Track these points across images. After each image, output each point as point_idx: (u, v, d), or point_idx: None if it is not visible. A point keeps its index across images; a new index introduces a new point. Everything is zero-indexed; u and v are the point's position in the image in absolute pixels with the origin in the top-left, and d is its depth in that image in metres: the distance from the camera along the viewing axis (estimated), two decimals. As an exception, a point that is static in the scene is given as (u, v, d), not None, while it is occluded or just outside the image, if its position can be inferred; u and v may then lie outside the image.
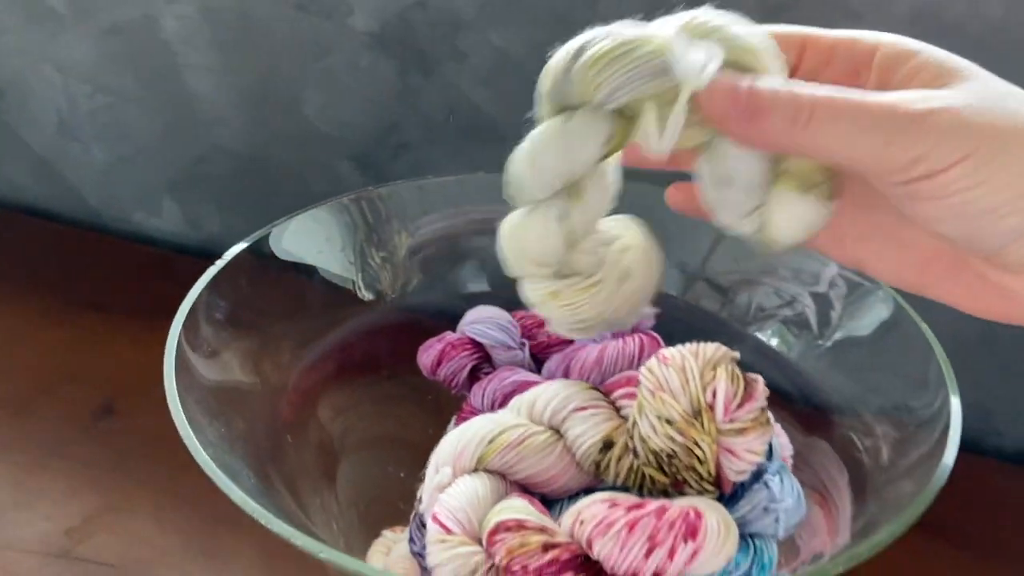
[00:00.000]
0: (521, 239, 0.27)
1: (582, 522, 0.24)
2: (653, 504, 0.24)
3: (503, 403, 0.37)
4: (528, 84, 0.57)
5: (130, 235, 0.78)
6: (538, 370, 0.40)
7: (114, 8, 0.67)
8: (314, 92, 0.65)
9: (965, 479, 0.30)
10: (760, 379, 0.26)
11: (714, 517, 0.23)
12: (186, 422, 0.29)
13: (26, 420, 0.56)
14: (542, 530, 0.25)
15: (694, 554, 0.23)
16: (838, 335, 0.40)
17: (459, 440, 0.29)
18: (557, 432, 0.29)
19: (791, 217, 0.25)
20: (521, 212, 0.27)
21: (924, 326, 0.33)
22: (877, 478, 0.32)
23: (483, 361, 0.40)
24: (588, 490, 0.29)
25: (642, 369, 0.27)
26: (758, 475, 0.28)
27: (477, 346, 0.40)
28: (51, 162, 0.78)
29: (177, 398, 0.30)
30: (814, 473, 0.33)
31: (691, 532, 0.23)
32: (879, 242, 0.28)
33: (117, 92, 0.71)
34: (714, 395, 0.25)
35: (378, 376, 0.41)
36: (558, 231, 0.26)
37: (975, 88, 0.23)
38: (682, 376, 0.26)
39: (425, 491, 0.29)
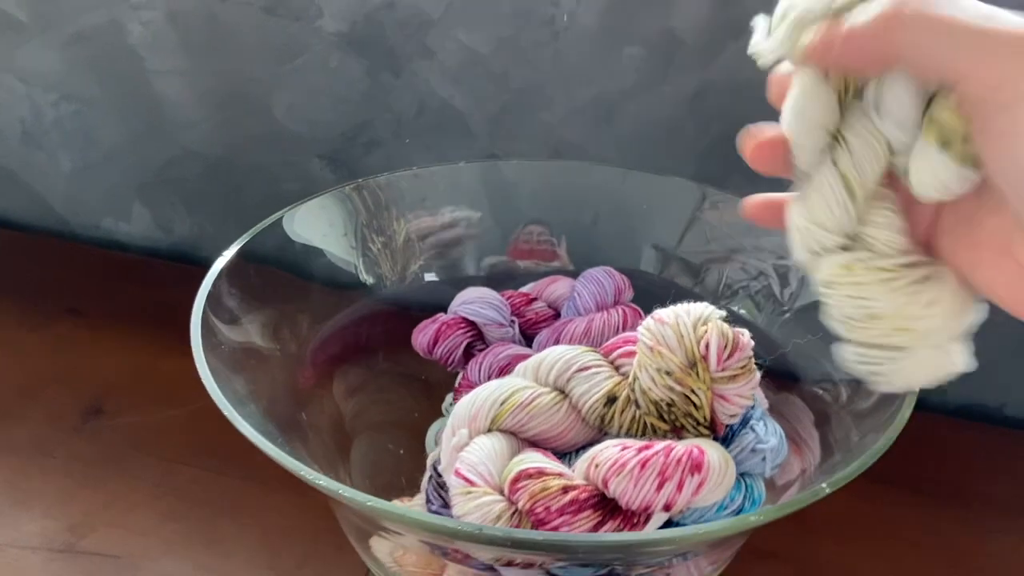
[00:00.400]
0: (807, 208, 0.27)
1: (597, 465, 0.27)
2: (660, 444, 0.26)
3: (499, 376, 0.40)
4: (495, 79, 0.60)
5: (99, 241, 0.79)
6: (528, 346, 0.43)
7: (79, 16, 0.68)
8: (284, 93, 0.66)
9: (914, 431, 0.33)
10: (746, 332, 0.29)
11: (715, 453, 0.26)
12: (210, 375, 0.30)
13: (13, 424, 0.57)
14: (560, 475, 0.27)
15: (700, 485, 0.26)
16: (799, 303, 0.43)
17: (472, 404, 0.31)
18: (562, 392, 0.32)
19: (925, 169, 0.25)
20: (800, 188, 0.28)
21: None
22: (841, 426, 0.35)
23: (477, 339, 0.43)
24: (592, 444, 0.32)
25: (640, 328, 0.30)
26: (745, 421, 0.31)
27: (470, 325, 0.42)
28: (15, 172, 0.78)
29: (203, 355, 0.31)
30: (787, 422, 0.36)
31: (696, 466, 0.26)
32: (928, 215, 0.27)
33: (83, 99, 0.72)
34: (707, 347, 0.28)
35: (375, 358, 0.43)
36: (838, 183, 0.26)
37: None
38: (677, 332, 0.28)
39: (443, 453, 0.32)
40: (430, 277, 0.45)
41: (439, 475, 0.32)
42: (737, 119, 0.57)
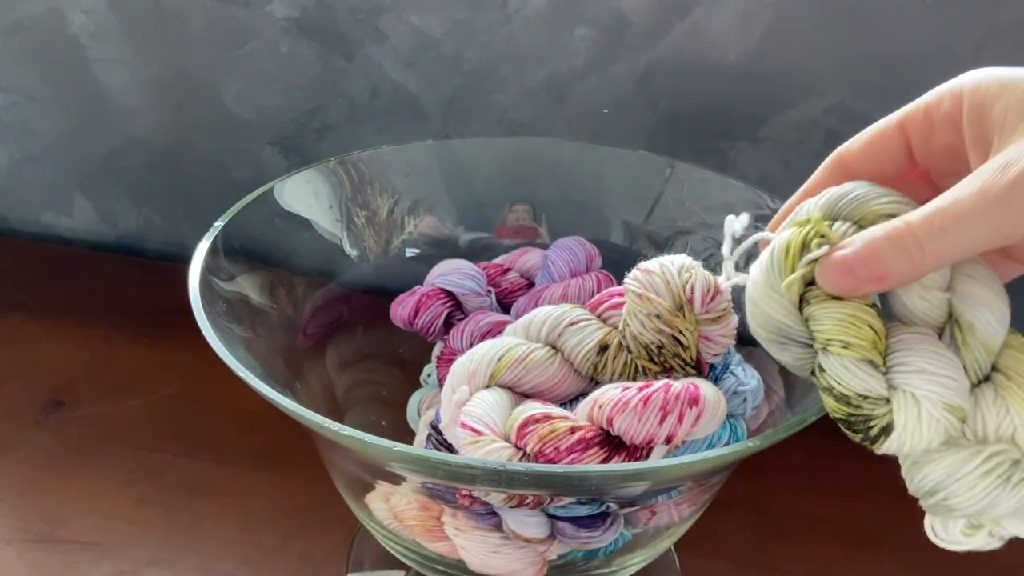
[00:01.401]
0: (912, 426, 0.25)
1: (600, 406, 0.29)
2: (659, 383, 0.29)
3: (480, 342, 0.41)
4: (448, 62, 0.62)
5: (39, 236, 0.77)
6: (505, 314, 0.45)
7: (15, 5, 0.66)
8: (233, 80, 0.66)
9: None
10: (720, 278, 0.32)
11: (709, 388, 0.29)
12: (210, 327, 0.31)
13: (-32, 422, 0.56)
14: (565, 418, 0.29)
15: (698, 417, 0.28)
16: None
17: (470, 362, 0.33)
18: (553, 347, 0.34)
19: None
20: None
21: None
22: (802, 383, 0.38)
23: (455, 309, 0.44)
24: (583, 394, 0.34)
25: (627, 279, 0.32)
26: (725, 366, 0.34)
27: (449, 295, 0.44)
28: (-55, 166, 0.75)
29: (202, 309, 0.32)
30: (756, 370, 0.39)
31: (694, 400, 0.28)
32: None
33: (20, 90, 0.70)
34: (692, 291, 0.30)
35: (354, 331, 0.44)
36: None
37: None
38: (664, 279, 0.31)
39: (444, 411, 0.33)
40: (412, 251, 0.46)
41: (440, 433, 0.34)
42: (684, 97, 0.60)
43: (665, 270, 0.31)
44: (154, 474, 0.52)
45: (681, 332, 0.31)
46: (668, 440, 0.28)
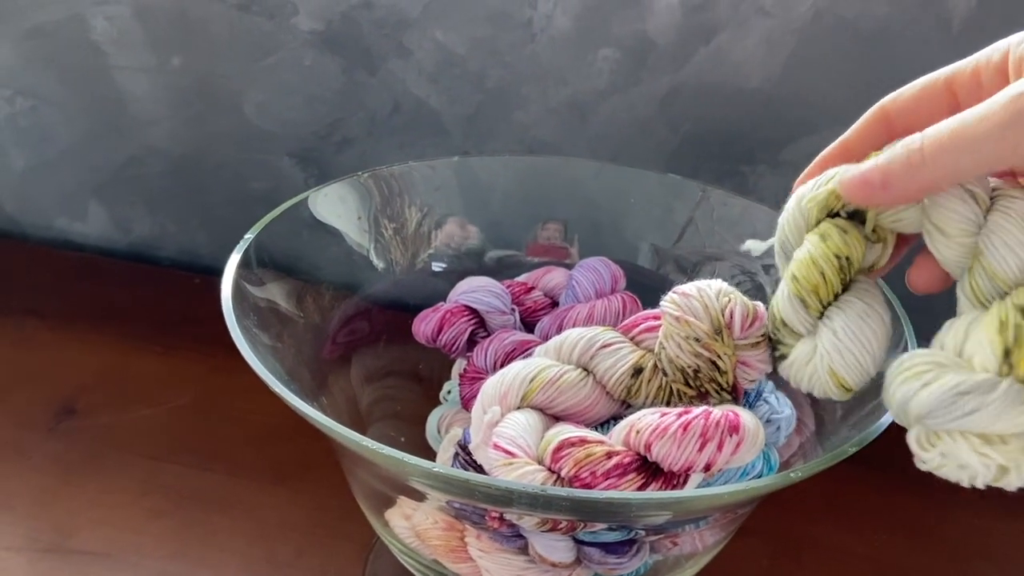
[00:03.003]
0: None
1: (638, 431, 0.29)
2: (698, 409, 0.28)
3: (505, 361, 0.41)
4: (471, 79, 0.62)
5: (51, 242, 0.76)
6: (528, 333, 0.45)
7: (37, 9, 0.66)
8: (255, 91, 0.66)
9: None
10: (761, 304, 0.32)
11: (748, 416, 0.29)
12: (238, 328, 0.31)
13: (-20, 427, 0.55)
14: (601, 442, 0.29)
15: (738, 445, 0.28)
16: None
17: (501, 383, 0.33)
18: (585, 369, 0.33)
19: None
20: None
21: (882, 284, 0.36)
22: (830, 405, 0.38)
23: (479, 327, 0.44)
24: (615, 418, 0.34)
25: (664, 302, 0.32)
26: (759, 394, 0.33)
27: (473, 312, 0.44)
28: (-39, 169, 0.75)
29: (233, 310, 0.32)
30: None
31: (733, 428, 0.28)
32: None
33: (39, 95, 0.70)
34: (731, 316, 0.30)
35: (377, 345, 0.44)
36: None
37: None
38: (702, 302, 0.31)
39: (473, 431, 0.33)
40: (438, 266, 0.46)
41: (468, 453, 0.33)
42: (706, 120, 0.60)
43: (703, 294, 0.31)
44: (166, 485, 0.52)
45: (719, 356, 0.30)
46: (707, 468, 0.28)
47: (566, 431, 0.30)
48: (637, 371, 0.32)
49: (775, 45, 0.55)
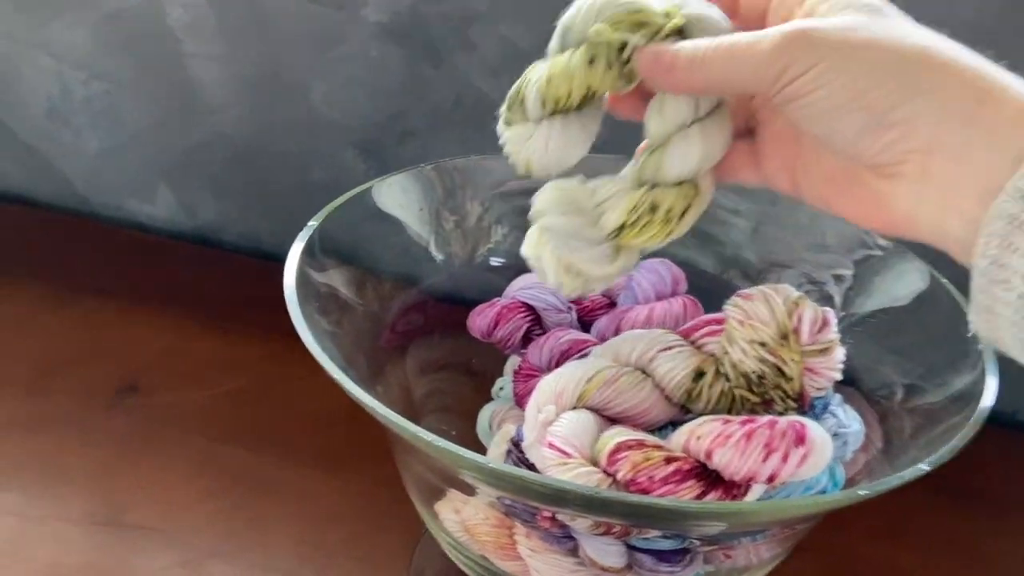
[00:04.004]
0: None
1: (699, 437, 0.28)
2: (763, 418, 0.28)
3: (560, 360, 0.41)
4: (536, 75, 0.61)
5: (120, 222, 0.78)
6: (585, 332, 0.44)
7: (116, -6, 0.68)
8: (321, 81, 0.67)
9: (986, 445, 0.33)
10: (830, 309, 0.30)
11: (816, 428, 0.28)
12: (301, 314, 0.31)
13: (42, 401, 0.57)
14: (659, 447, 0.28)
15: (804, 458, 0.27)
16: (856, 312, 0.44)
17: (558, 382, 0.32)
18: (644, 372, 0.33)
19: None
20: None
21: (959, 297, 0.36)
22: (899, 423, 0.36)
23: (535, 324, 0.43)
24: (673, 423, 0.33)
25: (727, 306, 0.31)
26: (825, 406, 0.32)
27: (529, 309, 0.43)
28: (38, 149, 0.77)
29: (296, 295, 0.32)
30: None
31: (800, 439, 0.27)
32: (790, 164, 0.32)
33: (114, 78, 0.72)
34: (799, 320, 0.29)
35: (432, 337, 0.44)
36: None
37: (852, 17, 0.28)
38: (768, 306, 0.30)
39: (527, 429, 0.32)
40: (496, 260, 0.46)
41: (521, 451, 0.33)
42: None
43: (770, 298, 0.30)
44: (220, 467, 0.52)
45: (785, 362, 0.30)
46: (770, 480, 0.27)
47: (623, 433, 0.29)
48: (698, 375, 0.31)
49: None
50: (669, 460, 0.28)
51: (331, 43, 0.65)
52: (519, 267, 0.45)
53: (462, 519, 0.35)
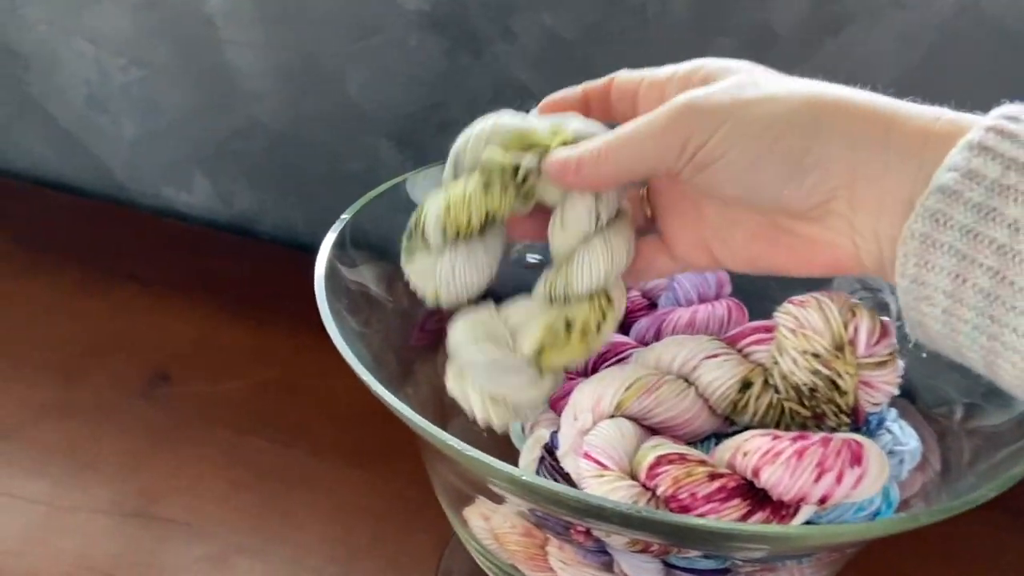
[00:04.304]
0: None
1: (745, 453, 0.26)
2: (816, 435, 0.26)
3: (596, 363, 0.39)
4: (578, 65, 0.60)
5: (157, 210, 0.78)
6: (624, 335, 0.42)
7: (155, -19, 0.67)
8: (358, 70, 0.66)
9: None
10: (888, 319, 0.29)
11: (873, 447, 0.26)
12: (329, 312, 0.30)
13: (77, 387, 0.57)
14: (703, 462, 0.27)
15: (859, 479, 0.25)
16: None
17: (595, 388, 0.31)
18: (687, 381, 0.31)
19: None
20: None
21: None
22: (958, 444, 0.34)
23: (572, 324, 0.42)
24: (717, 435, 0.31)
25: (778, 313, 0.29)
26: (881, 421, 0.30)
27: (567, 309, 0.42)
28: (77, 135, 0.77)
29: (325, 292, 0.31)
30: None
31: (856, 459, 0.25)
32: (700, 239, 0.32)
33: (152, 65, 0.71)
34: (856, 331, 0.27)
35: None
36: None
37: (734, 79, 0.29)
38: (823, 315, 0.28)
39: (564, 436, 0.31)
40: (533, 258, 0.44)
41: (555, 459, 0.32)
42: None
43: (824, 305, 0.28)
44: (249, 459, 0.52)
45: (840, 375, 0.28)
46: (822, 501, 0.25)
47: (664, 446, 0.28)
48: (745, 385, 0.30)
49: (911, 40, 0.51)
50: (713, 477, 0.26)
51: (369, 31, 0.63)
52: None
53: (491, 527, 0.34)
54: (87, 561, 0.45)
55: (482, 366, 0.31)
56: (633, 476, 0.28)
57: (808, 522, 0.27)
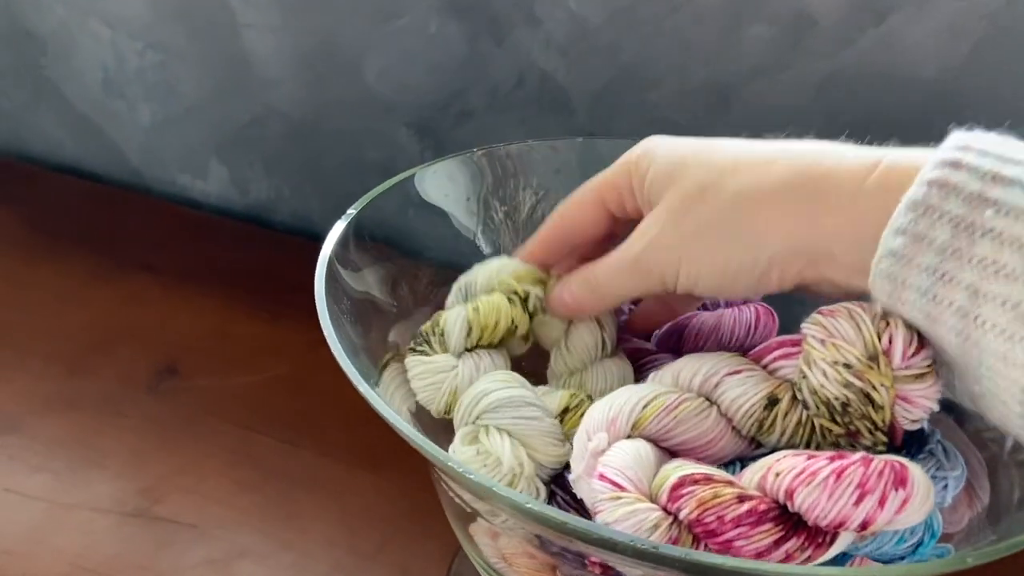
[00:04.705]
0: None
1: (778, 474, 0.24)
2: (856, 455, 0.23)
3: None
4: (603, 53, 0.57)
5: (172, 197, 0.77)
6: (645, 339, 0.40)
7: (172, -38, 0.65)
8: (377, 57, 0.63)
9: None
10: None
11: (917, 469, 0.23)
12: (330, 324, 0.28)
13: (84, 379, 0.55)
14: (731, 483, 0.24)
15: (904, 503, 0.23)
16: None
17: (611, 407, 0.28)
18: (708, 399, 0.29)
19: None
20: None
21: None
22: (1008, 475, 0.31)
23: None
24: (741, 458, 0.29)
25: (805, 324, 0.27)
26: (922, 444, 0.28)
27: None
28: (93, 120, 0.76)
29: (326, 305, 0.29)
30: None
31: (900, 481, 0.23)
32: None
33: (169, 50, 0.70)
34: (891, 341, 0.25)
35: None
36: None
37: (672, 201, 0.30)
38: (854, 324, 0.25)
39: (576, 460, 0.29)
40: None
41: (566, 492, 0.30)
42: (868, 112, 0.53)
43: (855, 314, 0.26)
44: (257, 458, 0.50)
45: (875, 388, 0.25)
46: (863, 527, 0.23)
47: (688, 466, 0.25)
48: (772, 402, 0.27)
49: (960, 30, 0.48)
50: (742, 499, 0.24)
51: (389, 16, 0.61)
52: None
53: (499, 546, 0.32)
54: (85, 562, 0.43)
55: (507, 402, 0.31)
56: (653, 499, 0.26)
57: (844, 555, 0.25)
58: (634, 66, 0.57)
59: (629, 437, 0.28)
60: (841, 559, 0.25)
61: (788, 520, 0.24)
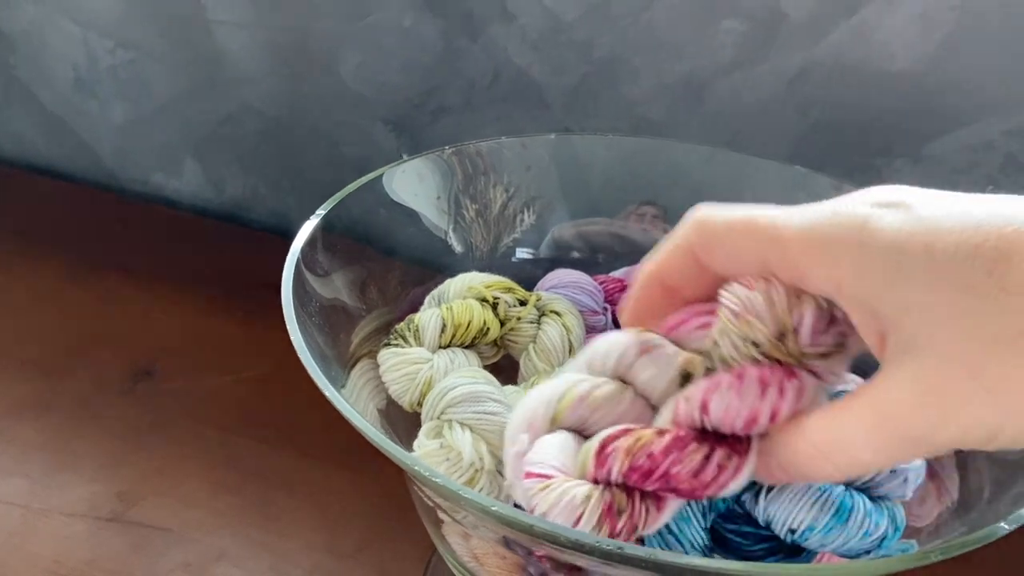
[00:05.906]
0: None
1: (688, 398, 0.25)
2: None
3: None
4: (576, 48, 0.57)
5: (146, 197, 0.76)
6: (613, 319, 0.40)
7: (141, -41, 0.65)
8: (351, 52, 0.63)
9: None
10: (840, 308, 0.26)
11: (802, 371, 0.25)
12: (299, 333, 0.28)
13: (59, 382, 0.55)
14: (646, 427, 0.25)
15: (800, 391, 0.24)
16: None
17: (527, 407, 0.28)
18: (623, 381, 0.28)
19: None
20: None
21: None
22: (977, 468, 0.32)
23: (565, 326, 0.40)
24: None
25: (723, 292, 0.26)
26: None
27: (560, 310, 0.39)
28: (64, 119, 0.75)
29: (293, 311, 0.29)
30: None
31: (791, 374, 0.25)
32: None
33: (141, 48, 0.69)
34: (800, 318, 0.25)
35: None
36: None
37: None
38: (768, 298, 0.25)
39: (507, 464, 0.29)
40: (522, 253, 0.42)
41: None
42: (840, 105, 0.54)
43: (772, 288, 0.25)
44: (234, 460, 0.50)
45: (780, 365, 0.25)
46: (772, 417, 0.24)
47: (604, 432, 0.26)
48: (685, 377, 0.27)
49: (930, 22, 0.48)
50: (662, 432, 0.25)
51: (362, 11, 0.61)
52: (547, 260, 0.41)
53: (471, 546, 0.32)
54: (60, 568, 0.43)
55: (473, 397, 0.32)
56: (583, 477, 0.26)
57: (808, 552, 0.25)
58: (608, 61, 0.57)
59: (550, 431, 0.28)
60: (807, 556, 0.25)
61: (708, 436, 0.25)
